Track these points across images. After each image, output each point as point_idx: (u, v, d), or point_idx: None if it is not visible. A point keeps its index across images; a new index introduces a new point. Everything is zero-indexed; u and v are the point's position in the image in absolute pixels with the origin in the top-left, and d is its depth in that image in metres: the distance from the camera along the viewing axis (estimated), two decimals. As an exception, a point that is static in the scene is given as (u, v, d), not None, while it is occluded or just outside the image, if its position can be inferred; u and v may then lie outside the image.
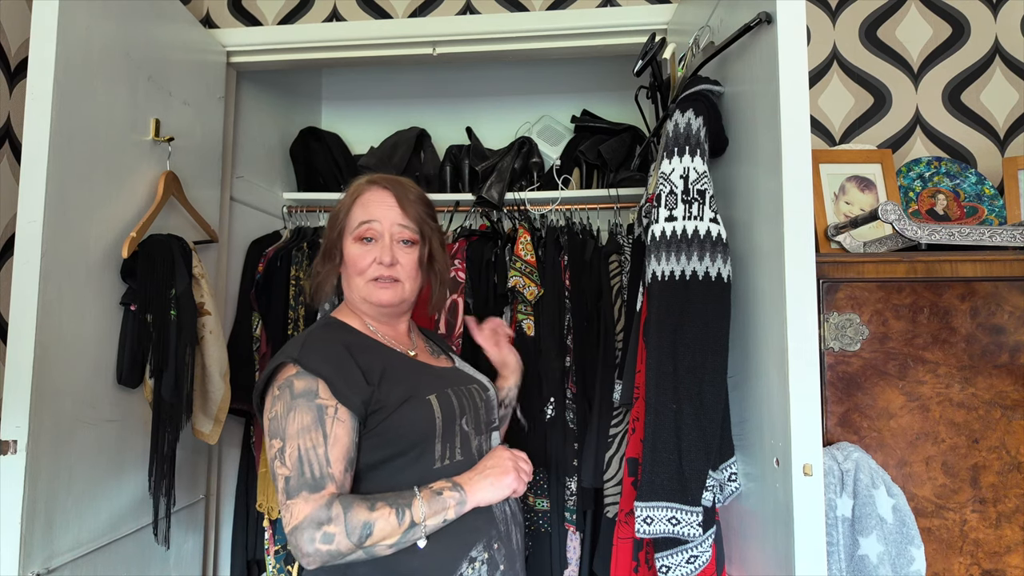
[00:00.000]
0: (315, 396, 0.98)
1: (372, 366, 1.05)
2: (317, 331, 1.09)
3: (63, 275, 1.29)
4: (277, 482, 0.95)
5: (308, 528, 0.91)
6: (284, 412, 0.97)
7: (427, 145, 2.46)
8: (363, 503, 0.95)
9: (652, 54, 1.45)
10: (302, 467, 0.94)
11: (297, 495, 0.93)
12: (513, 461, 1.09)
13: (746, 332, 1.13)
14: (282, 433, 0.96)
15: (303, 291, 2.08)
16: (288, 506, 0.93)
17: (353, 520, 0.93)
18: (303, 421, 0.96)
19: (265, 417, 1.00)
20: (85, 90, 1.35)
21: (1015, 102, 1.68)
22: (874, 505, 1.11)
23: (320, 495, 0.93)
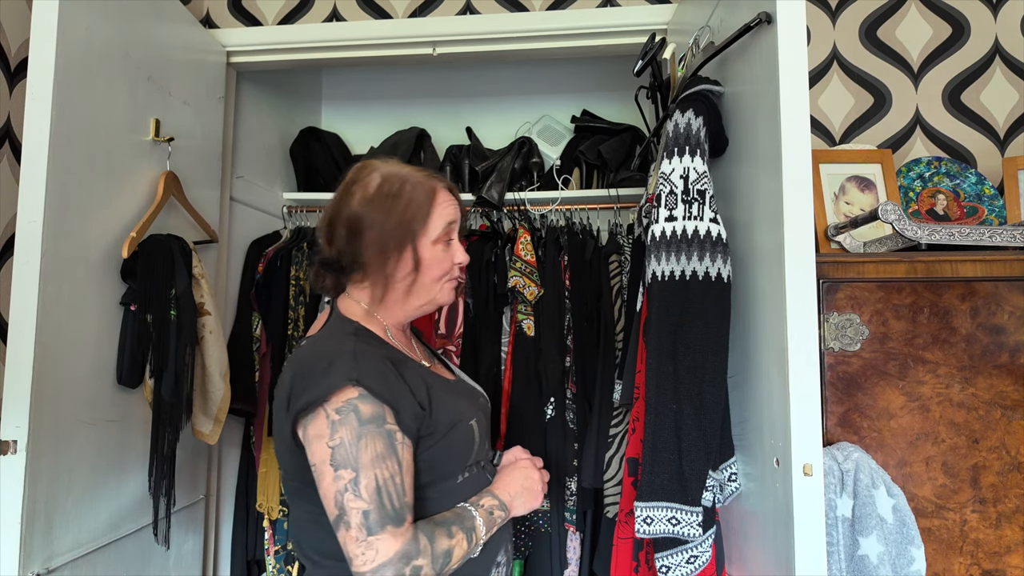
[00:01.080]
0: (384, 422, 0.91)
1: (417, 387, 0.99)
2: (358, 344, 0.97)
3: (63, 275, 1.29)
4: (348, 516, 0.86)
5: (397, 563, 0.85)
6: (353, 439, 0.88)
7: (427, 145, 2.46)
8: (441, 530, 0.92)
9: (652, 54, 1.45)
10: (381, 499, 0.87)
11: (382, 530, 0.86)
12: (542, 482, 1.11)
13: (746, 332, 1.13)
14: (354, 463, 0.87)
15: (303, 291, 2.08)
16: (370, 543, 0.85)
17: (437, 550, 0.90)
18: (376, 449, 0.88)
19: (321, 443, 0.89)
20: (85, 90, 1.35)
21: (1015, 102, 1.68)
22: (874, 505, 1.11)
23: (404, 528, 0.88)
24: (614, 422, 1.65)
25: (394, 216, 1.01)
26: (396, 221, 1.01)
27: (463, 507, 0.99)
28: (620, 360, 1.71)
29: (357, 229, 1.02)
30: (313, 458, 0.90)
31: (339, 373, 0.90)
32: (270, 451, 2.02)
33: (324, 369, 0.91)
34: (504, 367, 1.93)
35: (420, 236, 1.03)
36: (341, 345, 0.96)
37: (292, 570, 2.06)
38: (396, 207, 1.02)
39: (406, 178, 1.05)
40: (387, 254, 1.02)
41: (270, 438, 2.01)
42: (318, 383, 0.90)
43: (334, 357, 0.93)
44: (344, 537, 0.86)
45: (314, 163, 2.45)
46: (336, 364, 0.92)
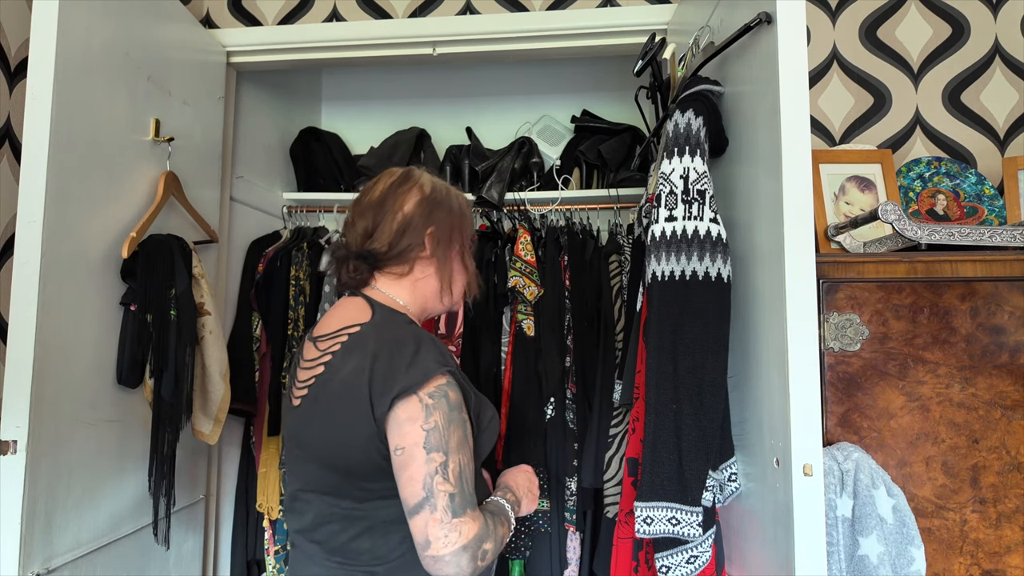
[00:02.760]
0: (463, 409, 0.95)
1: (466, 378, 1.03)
2: (427, 334, 1.00)
3: (63, 275, 1.29)
4: (436, 499, 0.87)
5: (474, 545, 0.87)
6: (445, 424, 0.90)
7: (427, 145, 2.46)
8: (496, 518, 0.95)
9: (652, 54, 1.45)
10: (463, 484, 0.90)
11: (464, 513, 0.88)
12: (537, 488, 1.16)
13: (746, 332, 1.13)
14: (445, 446, 0.89)
15: (303, 291, 2.09)
16: (455, 525, 0.86)
17: (498, 534, 0.93)
18: (459, 435, 0.92)
19: (414, 425, 0.89)
20: (85, 90, 1.35)
21: (1015, 102, 1.68)
22: (874, 505, 1.11)
23: (478, 512, 0.91)
24: (614, 422, 1.65)
25: (454, 218, 1.10)
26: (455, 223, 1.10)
27: (496, 501, 1.03)
28: (620, 360, 1.71)
29: (413, 226, 1.05)
30: (403, 440, 0.89)
31: (430, 358, 0.93)
32: (270, 451, 2.01)
33: (412, 355, 0.92)
34: (504, 367, 1.93)
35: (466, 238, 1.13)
36: (417, 333, 0.98)
37: (292, 570, 2.06)
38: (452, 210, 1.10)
39: (449, 189, 1.13)
40: (449, 250, 1.09)
41: (270, 438, 2.01)
42: (412, 368, 0.91)
43: (418, 344, 0.94)
44: (425, 521, 0.86)
45: (314, 163, 2.45)
46: (423, 350, 0.93)
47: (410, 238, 1.05)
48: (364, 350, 0.96)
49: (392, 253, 1.05)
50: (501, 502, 1.02)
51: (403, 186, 1.08)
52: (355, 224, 1.08)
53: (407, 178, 1.10)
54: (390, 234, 1.05)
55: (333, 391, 0.97)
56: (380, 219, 1.06)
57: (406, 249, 1.05)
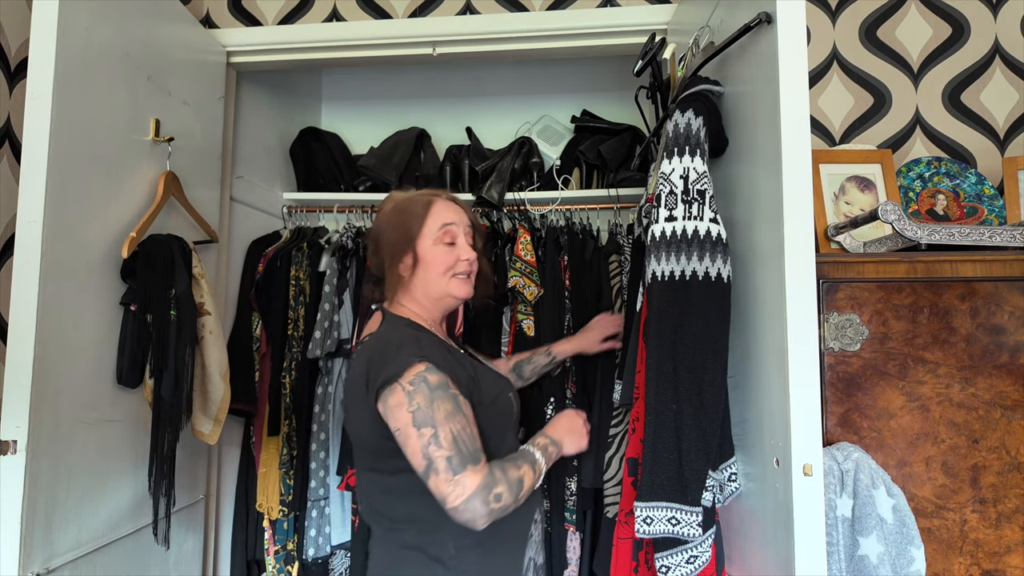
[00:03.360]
0: (448, 387, 1.10)
1: (464, 363, 1.20)
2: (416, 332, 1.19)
3: (63, 275, 1.29)
4: (436, 463, 1.03)
5: (482, 493, 1.03)
6: (427, 403, 1.06)
7: (427, 145, 2.46)
8: (509, 464, 1.11)
9: (652, 54, 1.45)
10: (459, 446, 1.05)
11: (464, 469, 1.03)
12: (585, 427, 1.33)
13: (746, 332, 1.13)
14: (431, 421, 1.05)
15: (303, 291, 2.09)
16: (456, 481, 1.02)
17: (511, 478, 1.08)
18: (447, 408, 1.07)
19: (402, 410, 1.06)
20: (85, 90, 1.35)
21: (1015, 102, 1.68)
22: (874, 505, 1.11)
23: (482, 465, 1.06)
24: (614, 422, 1.65)
25: (399, 228, 1.25)
26: (401, 231, 1.25)
27: (521, 448, 1.20)
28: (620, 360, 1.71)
29: (378, 243, 1.28)
30: (397, 423, 1.07)
31: (409, 353, 1.11)
32: (270, 451, 2.01)
33: (395, 352, 1.11)
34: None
35: (418, 239, 1.24)
36: (403, 333, 1.18)
37: (292, 570, 2.06)
38: (400, 220, 1.25)
39: (411, 197, 1.30)
40: (396, 257, 1.25)
41: (270, 438, 2.01)
42: (392, 363, 1.09)
43: (401, 343, 1.13)
44: (435, 482, 1.03)
45: (314, 163, 2.44)
46: (404, 347, 1.12)
47: (381, 255, 1.27)
48: (364, 354, 1.17)
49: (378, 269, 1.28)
50: (524, 448, 1.19)
51: (378, 213, 1.31)
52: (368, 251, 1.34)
53: (382, 206, 1.31)
54: (372, 255, 1.29)
55: (351, 388, 1.18)
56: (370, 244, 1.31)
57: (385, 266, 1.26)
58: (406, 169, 2.34)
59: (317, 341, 1.95)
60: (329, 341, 1.97)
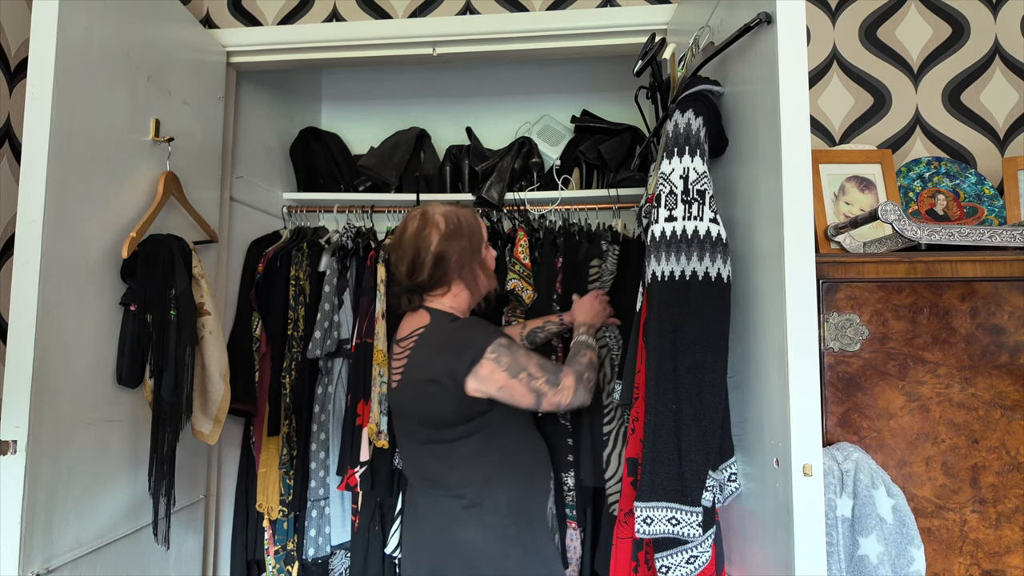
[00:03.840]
0: (513, 343, 1.39)
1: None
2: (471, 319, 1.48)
3: (63, 275, 1.29)
4: (541, 389, 1.36)
5: (578, 385, 1.40)
6: (511, 358, 1.35)
7: (427, 145, 2.46)
8: (579, 357, 1.48)
9: (652, 54, 1.45)
10: (546, 370, 1.38)
11: (559, 380, 1.38)
12: (603, 300, 1.72)
13: (746, 332, 1.13)
14: (522, 367, 1.35)
15: (303, 291, 2.09)
16: (560, 389, 1.38)
17: (585, 363, 1.46)
18: (522, 353, 1.38)
19: (497, 374, 1.33)
20: (85, 90, 1.35)
21: (1015, 102, 1.68)
22: (874, 505, 1.11)
23: (567, 369, 1.42)
24: (605, 420, 1.66)
25: (466, 242, 1.44)
26: (472, 245, 1.46)
27: (575, 342, 1.56)
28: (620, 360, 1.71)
29: (442, 258, 1.42)
30: (498, 384, 1.34)
31: (484, 333, 1.38)
32: (270, 451, 2.01)
33: (471, 337, 1.37)
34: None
35: (482, 247, 1.50)
36: (464, 323, 1.44)
37: (292, 570, 2.06)
38: (468, 235, 1.45)
39: (457, 212, 1.48)
40: (465, 266, 1.45)
41: (270, 438, 2.01)
42: (472, 347, 1.35)
43: (473, 330, 1.40)
44: (548, 401, 1.37)
45: (314, 163, 2.44)
46: (477, 332, 1.39)
47: (442, 268, 1.42)
48: (431, 344, 1.39)
49: (432, 282, 1.44)
50: (577, 340, 1.56)
51: (424, 230, 1.43)
52: (398, 266, 1.46)
53: (426, 222, 1.44)
54: (428, 267, 1.42)
55: (419, 374, 1.38)
56: (419, 260, 1.42)
57: (441, 276, 1.43)
58: (406, 169, 2.34)
59: (317, 341, 1.95)
60: (329, 341, 1.97)
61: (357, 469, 1.84)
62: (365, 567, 1.97)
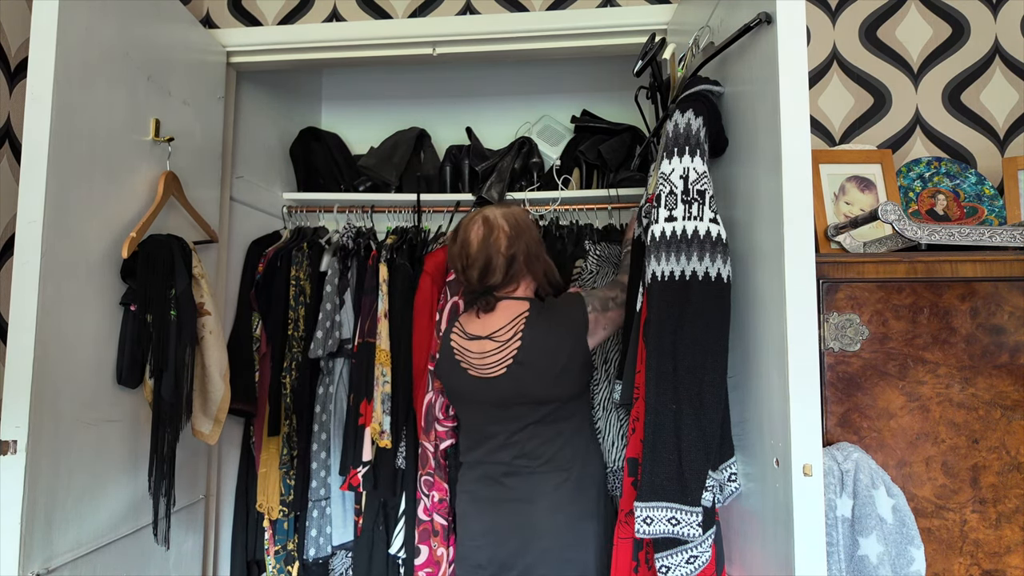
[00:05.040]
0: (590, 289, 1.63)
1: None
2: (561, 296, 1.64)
3: (63, 275, 1.29)
4: (618, 299, 1.56)
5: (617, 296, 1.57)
6: (595, 299, 1.54)
7: (427, 145, 2.46)
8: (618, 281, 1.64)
9: (652, 54, 1.45)
10: (612, 287, 1.60)
11: (614, 283, 1.61)
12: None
13: (746, 332, 1.13)
14: (604, 298, 1.55)
15: (303, 291, 2.09)
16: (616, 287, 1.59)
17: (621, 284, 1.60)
18: (595, 293, 1.57)
19: (599, 316, 1.52)
20: (85, 90, 1.35)
21: (1015, 102, 1.68)
22: (874, 505, 1.11)
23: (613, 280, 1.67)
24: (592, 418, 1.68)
25: (530, 239, 1.54)
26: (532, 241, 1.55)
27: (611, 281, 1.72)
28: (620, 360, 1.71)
29: (515, 258, 1.51)
30: (603, 322, 1.53)
31: (573, 296, 1.58)
32: (270, 451, 2.01)
33: (570, 302, 1.54)
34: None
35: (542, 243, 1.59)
36: (556, 300, 1.60)
37: (292, 570, 2.06)
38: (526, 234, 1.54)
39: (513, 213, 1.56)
40: (537, 262, 1.55)
41: (270, 438, 2.01)
42: (576, 308, 1.53)
43: (566, 300, 1.57)
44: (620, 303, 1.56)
45: (314, 163, 2.44)
46: (569, 299, 1.57)
47: (514, 267, 1.51)
48: (543, 324, 1.50)
49: (506, 281, 1.52)
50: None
51: (492, 234, 1.50)
52: (469, 271, 1.52)
53: (491, 227, 1.51)
54: (502, 269, 1.50)
55: (541, 353, 1.47)
56: (489, 262, 1.49)
57: (514, 275, 1.52)
58: (406, 169, 2.34)
59: (319, 341, 1.95)
60: (331, 341, 1.97)
61: (360, 469, 1.84)
62: (369, 568, 1.97)
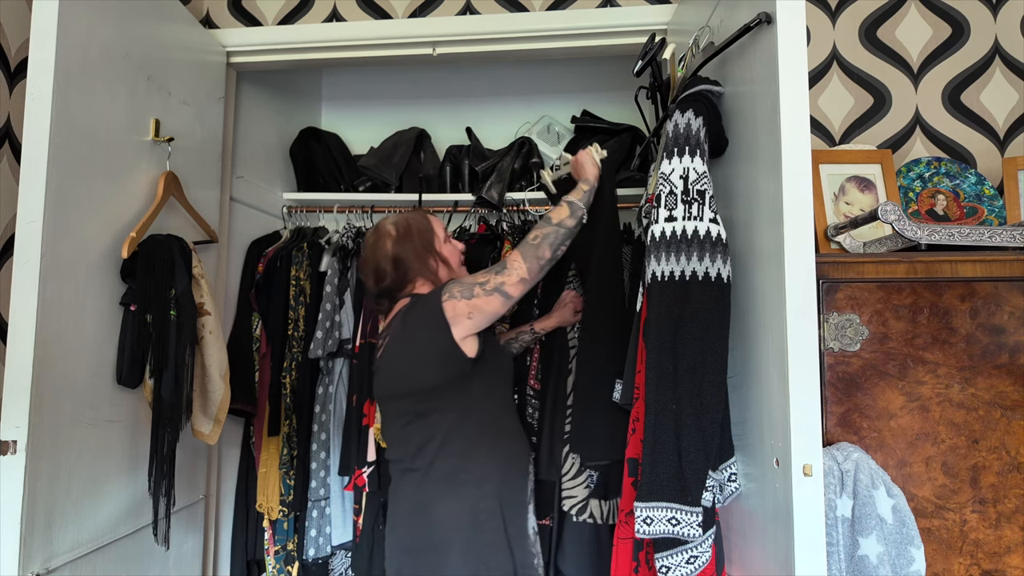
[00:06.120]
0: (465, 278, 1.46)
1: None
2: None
3: (63, 275, 1.29)
4: (494, 283, 1.40)
5: (529, 251, 1.42)
6: (461, 285, 1.40)
7: (427, 145, 2.46)
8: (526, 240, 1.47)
9: (652, 54, 1.45)
10: (490, 271, 1.42)
11: (504, 263, 1.42)
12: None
13: (746, 332, 1.13)
14: (471, 283, 1.40)
15: (303, 291, 2.09)
16: (508, 268, 1.41)
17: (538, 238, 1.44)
18: (470, 277, 1.44)
19: (457, 303, 1.38)
20: (85, 90, 1.35)
21: (1015, 102, 1.68)
22: (874, 505, 1.11)
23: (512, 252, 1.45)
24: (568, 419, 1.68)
25: (417, 241, 1.52)
26: (422, 246, 1.52)
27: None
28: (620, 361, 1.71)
29: (400, 261, 1.50)
30: (464, 310, 1.38)
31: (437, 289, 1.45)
32: (270, 451, 2.02)
33: (428, 296, 1.44)
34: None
35: (435, 243, 1.54)
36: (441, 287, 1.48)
37: (292, 570, 2.06)
38: (414, 236, 1.53)
39: (405, 218, 1.56)
40: (426, 262, 1.52)
41: (270, 438, 2.01)
42: (432, 300, 1.41)
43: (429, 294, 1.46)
44: (512, 286, 1.40)
45: (314, 163, 2.44)
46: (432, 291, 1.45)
47: (402, 268, 1.50)
48: (406, 315, 1.45)
49: (396, 283, 1.51)
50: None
51: (379, 241, 1.53)
52: (367, 279, 1.56)
53: (378, 234, 1.54)
54: (391, 273, 1.51)
55: (400, 344, 1.43)
56: (378, 266, 1.52)
57: (403, 276, 1.51)
58: (406, 169, 2.34)
59: (319, 341, 1.95)
60: (331, 341, 1.97)
61: (365, 469, 1.84)
62: (370, 567, 1.97)
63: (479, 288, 1.39)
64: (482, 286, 1.39)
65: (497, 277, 1.40)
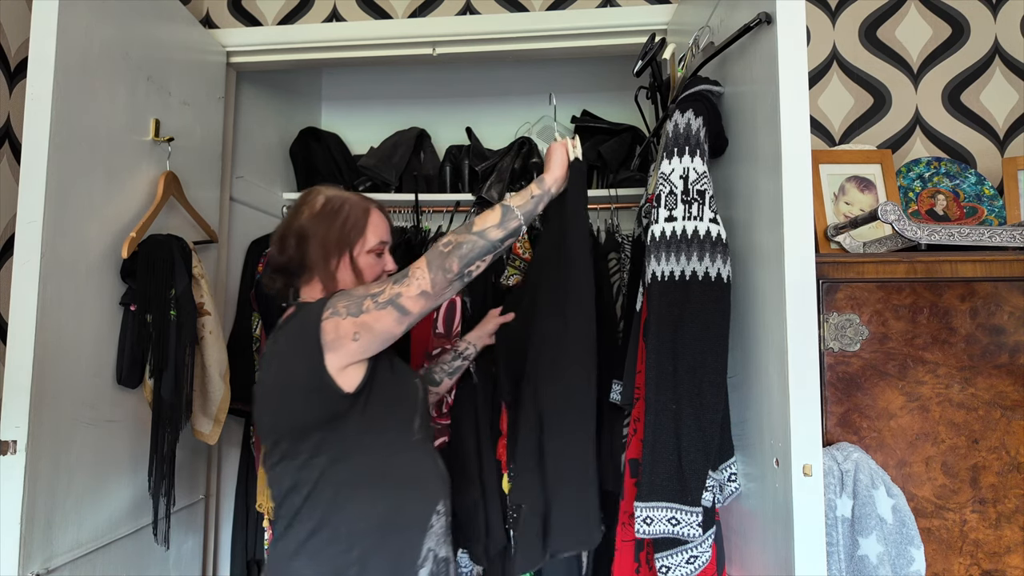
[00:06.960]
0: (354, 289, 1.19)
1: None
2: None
3: (63, 275, 1.29)
4: (388, 295, 1.12)
5: (435, 261, 1.13)
6: (348, 297, 1.14)
7: (427, 145, 2.46)
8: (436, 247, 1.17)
9: (652, 54, 1.45)
10: (388, 280, 1.16)
11: (405, 271, 1.14)
12: (564, 149, 1.30)
13: (746, 332, 1.13)
14: (361, 295, 1.14)
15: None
16: (409, 277, 1.13)
17: (451, 245, 1.15)
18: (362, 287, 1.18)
19: (340, 322, 1.11)
20: (85, 90, 1.35)
21: (1015, 102, 1.68)
22: (874, 505, 1.11)
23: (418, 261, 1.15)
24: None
25: (335, 228, 1.24)
26: (336, 232, 1.24)
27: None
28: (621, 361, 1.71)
29: (304, 238, 1.24)
30: (349, 329, 1.12)
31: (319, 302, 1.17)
32: (270, 451, 2.01)
33: (307, 311, 1.17)
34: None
35: (356, 245, 1.25)
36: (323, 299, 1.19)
37: (292, 570, 2.06)
38: (336, 221, 1.25)
39: (346, 199, 1.28)
40: (328, 259, 1.23)
41: (270, 438, 2.00)
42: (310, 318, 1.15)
43: (310, 306, 1.18)
44: (410, 298, 1.13)
45: (314, 163, 2.44)
46: (313, 305, 1.18)
47: (302, 250, 1.24)
48: (278, 336, 1.23)
49: (292, 264, 1.26)
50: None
51: (303, 205, 1.28)
52: (272, 244, 1.30)
53: (305, 198, 1.28)
54: (290, 249, 1.25)
55: (269, 373, 1.21)
56: (286, 236, 1.27)
57: (301, 259, 1.25)
58: (406, 169, 2.34)
59: (317, 341, 1.95)
60: (329, 341, 1.97)
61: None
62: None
63: (370, 301, 1.11)
64: (374, 298, 1.11)
65: (394, 287, 1.12)
